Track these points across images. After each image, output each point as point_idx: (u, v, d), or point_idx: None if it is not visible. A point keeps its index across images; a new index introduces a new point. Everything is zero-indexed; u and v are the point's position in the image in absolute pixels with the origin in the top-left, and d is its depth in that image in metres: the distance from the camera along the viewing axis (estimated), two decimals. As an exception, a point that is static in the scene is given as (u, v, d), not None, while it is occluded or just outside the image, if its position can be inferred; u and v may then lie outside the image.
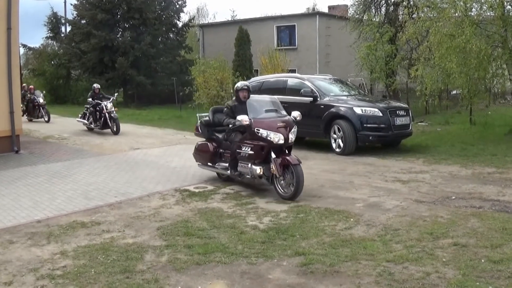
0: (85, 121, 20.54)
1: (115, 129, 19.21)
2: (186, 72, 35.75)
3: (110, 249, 6.48)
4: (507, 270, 5.41)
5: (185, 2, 40.00)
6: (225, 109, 10.37)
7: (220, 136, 10.59)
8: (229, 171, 10.06)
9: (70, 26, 40.99)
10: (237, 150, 9.72)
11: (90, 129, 20.36)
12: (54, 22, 43.23)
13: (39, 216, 8.18)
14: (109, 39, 35.85)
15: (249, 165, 9.46)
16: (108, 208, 8.67)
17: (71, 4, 39.97)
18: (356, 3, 28.01)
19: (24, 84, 26.25)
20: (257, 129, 9.32)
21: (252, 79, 18.81)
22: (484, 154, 12.98)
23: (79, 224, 7.71)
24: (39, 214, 8.32)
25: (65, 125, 22.97)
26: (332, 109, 14.00)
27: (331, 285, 5.30)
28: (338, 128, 13.71)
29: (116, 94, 20.97)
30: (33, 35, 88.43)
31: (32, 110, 25.56)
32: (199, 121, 11.12)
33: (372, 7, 27.53)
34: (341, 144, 13.66)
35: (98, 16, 35.64)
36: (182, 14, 42.27)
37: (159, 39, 38.44)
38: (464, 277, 5.30)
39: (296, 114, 9.67)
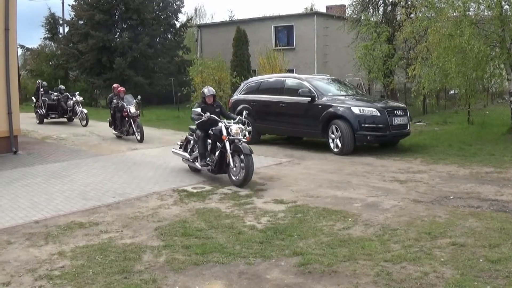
0: (186, 154, 11.77)
1: (242, 176, 10.05)
2: (184, 72, 35.70)
3: (108, 250, 6.47)
4: (505, 270, 5.42)
5: (182, 3, 40.02)
6: None
7: None
8: None
9: (68, 27, 40.95)
10: None
11: (195, 170, 11.74)
12: (52, 22, 43.22)
13: (37, 217, 8.16)
14: (107, 40, 35.82)
15: None
16: (106, 209, 8.66)
17: (69, 5, 39.86)
18: (354, 3, 28.01)
19: (115, 85, 19.82)
20: None
21: (250, 79, 18.81)
22: (482, 153, 12.99)
23: (77, 224, 7.70)
24: (37, 214, 8.31)
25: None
26: (330, 109, 14.00)
27: (329, 285, 5.30)
28: (336, 128, 13.70)
29: (245, 112, 11.99)
30: (31, 36, 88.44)
31: (120, 123, 18.10)
32: None
33: (370, 7, 27.54)
34: (339, 144, 13.66)
35: (96, 17, 35.61)
36: (180, 15, 42.36)
37: (157, 40, 38.39)
38: (462, 276, 5.30)
39: None
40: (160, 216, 8.09)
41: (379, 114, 13.62)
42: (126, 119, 17.66)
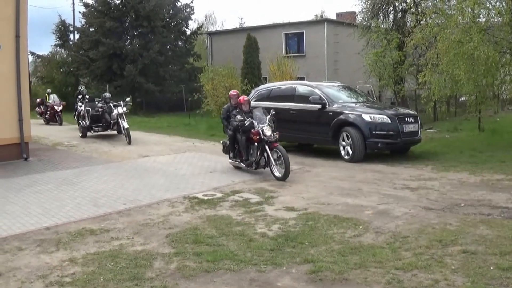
0: None
1: None
2: (194, 79, 35.85)
3: (119, 256, 6.49)
4: (516, 278, 5.40)
5: (193, 10, 40.15)
6: None
7: None
8: None
9: (79, 34, 41.26)
10: None
11: None
12: (63, 30, 43.45)
13: (48, 223, 8.19)
14: (117, 47, 36.01)
15: None
16: (117, 215, 8.68)
17: (80, 12, 40.22)
18: (364, 10, 28.05)
19: (233, 92, 14.08)
20: None
21: (261, 86, 18.85)
22: (493, 161, 12.94)
23: (88, 231, 7.72)
24: (48, 221, 8.34)
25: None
26: (341, 116, 13.99)
27: (340, 292, 5.29)
28: (347, 135, 13.69)
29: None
30: (42, 43, 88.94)
31: (246, 149, 12.30)
32: None
33: (380, 14, 27.55)
34: (350, 151, 13.65)
35: (107, 24, 35.80)
36: (190, 22, 42.48)
37: (168, 47, 38.54)
38: (473, 284, 5.28)
39: None
40: (171, 223, 8.10)
41: (390, 121, 13.60)
42: (256, 144, 11.97)
